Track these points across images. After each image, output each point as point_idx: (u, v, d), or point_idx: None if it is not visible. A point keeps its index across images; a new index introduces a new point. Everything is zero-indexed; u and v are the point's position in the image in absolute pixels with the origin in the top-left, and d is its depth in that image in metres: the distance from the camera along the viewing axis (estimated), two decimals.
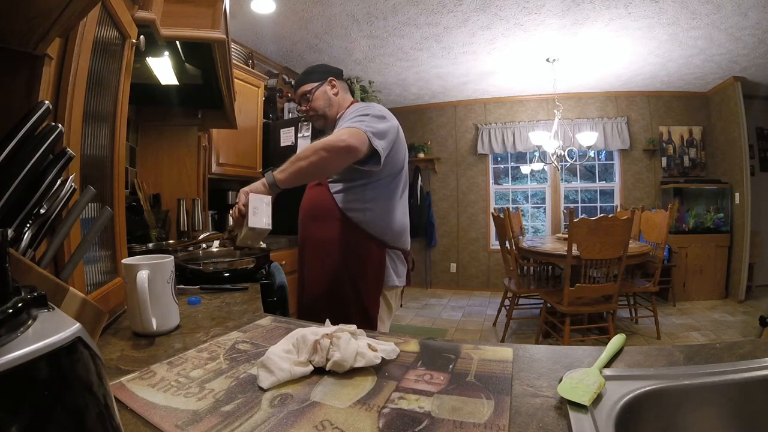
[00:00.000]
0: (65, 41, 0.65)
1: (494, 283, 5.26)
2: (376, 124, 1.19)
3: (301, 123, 3.01)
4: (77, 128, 0.69)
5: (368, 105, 1.28)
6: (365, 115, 1.20)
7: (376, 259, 1.27)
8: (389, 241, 1.30)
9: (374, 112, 1.23)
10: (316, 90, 1.37)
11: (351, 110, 1.28)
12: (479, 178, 5.44)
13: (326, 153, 1.09)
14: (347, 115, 1.27)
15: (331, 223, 1.29)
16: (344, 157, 1.12)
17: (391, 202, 1.30)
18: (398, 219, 1.33)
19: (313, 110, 1.38)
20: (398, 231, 1.33)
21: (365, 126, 1.15)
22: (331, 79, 1.39)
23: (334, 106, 1.38)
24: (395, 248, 1.32)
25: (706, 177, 4.80)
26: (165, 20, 1.14)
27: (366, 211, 1.27)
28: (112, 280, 0.86)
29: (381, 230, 1.28)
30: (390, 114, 1.29)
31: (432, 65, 4.10)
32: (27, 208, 0.47)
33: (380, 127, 1.19)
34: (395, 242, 1.32)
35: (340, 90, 1.40)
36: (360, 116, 1.20)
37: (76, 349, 0.26)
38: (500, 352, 0.64)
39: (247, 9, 2.93)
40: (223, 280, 1.26)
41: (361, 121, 1.16)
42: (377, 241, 1.28)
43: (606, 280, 2.73)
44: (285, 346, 0.60)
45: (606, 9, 2.91)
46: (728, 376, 0.52)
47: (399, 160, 1.32)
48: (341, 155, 1.11)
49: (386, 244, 1.29)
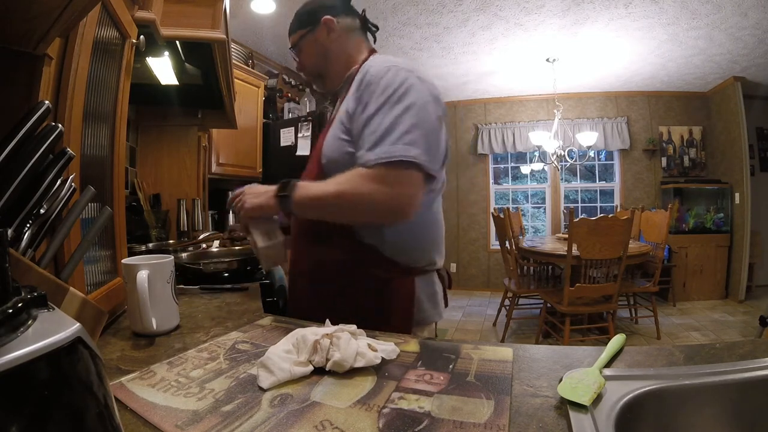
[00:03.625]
0: (65, 41, 0.65)
1: (494, 283, 5.26)
2: (427, 126, 0.79)
3: (301, 123, 3.01)
4: (77, 128, 0.69)
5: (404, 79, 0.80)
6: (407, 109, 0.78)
7: (403, 295, 0.87)
8: (422, 263, 0.90)
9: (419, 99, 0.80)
10: (305, 39, 0.96)
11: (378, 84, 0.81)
12: (479, 178, 5.44)
13: (371, 217, 0.81)
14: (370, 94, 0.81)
15: (333, 247, 0.90)
16: (398, 221, 0.82)
17: (422, 216, 0.87)
18: (433, 234, 0.94)
19: (305, 69, 0.99)
20: (434, 249, 0.94)
21: (419, 150, 0.76)
22: (327, 19, 0.93)
23: (334, 59, 0.95)
24: (429, 271, 0.93)
25: (706, 177, 4.80)
26: (165, 20, 1.14)
27: (384, 229, 0.87)
28: (112, 280, 0.86)
29: (409, 251, 0.89)
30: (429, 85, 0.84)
31: (432, 65, 4.10)
32: (27, 208, 0.47)
33: (432, 129, 0.81)
34: (430, 264, 0.92)
35: (342, 32, 0.95)
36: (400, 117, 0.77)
37: (76, 349, 0.26)
38: (500, 352, 0.64)
39: (247, 9, 2.93)
40: (223, 280, 1.26)
41: (412, 144, 0.76)
42: (403, 268, 0.88)
43: (606, 280, 2.73)
44: (285, 346, 0.60)
45: (606, 9, 2.91)
46: (728, 376, 0.52)
47: (440, 152, 0.86)
48: (395, 221, 0.82)
49: (415, 269, 0.89)
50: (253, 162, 3.19)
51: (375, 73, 0.83)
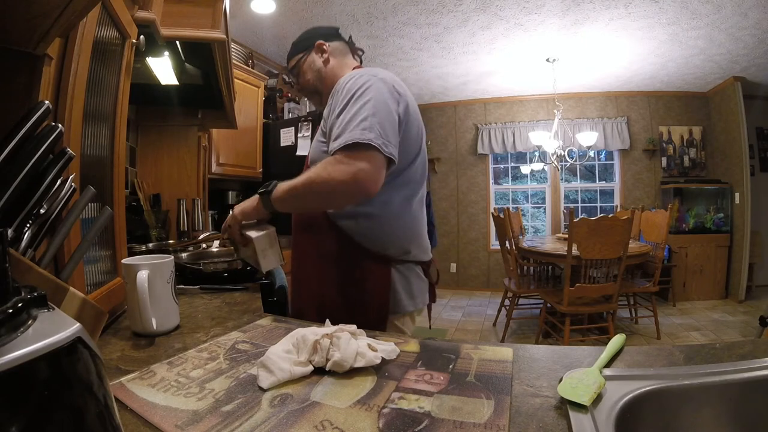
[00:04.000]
0: (65, 41, 0.65)
1: (494, 283, 5.26)
2: (382, 115, 0.88)
3: (300, 123, 3.01)
4: (77, 128, 0.69)
5: (365, 81, 0.91)
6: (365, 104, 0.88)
7: (378, 283, 0.97)
8: (395, 254, 0.99)
9: (377, 95, 0.90)
10: (302, 62, 1.11)
11: (342, 91, 0.93)
12: (479, 178, 5.44)
13: (335, 197, 0.88)
14: (337, 100, 0.93)
15: (320, 235, 1.02)
16: (359, 199, 0.88)
17: (392, 206, 0.98)
18: (406, 225, 1.02)
19: (304, 87, 1.14)
20: (407, 240, 1.02)
21: (373, 134, 0.84)
22: (320, 43, 1.10)
23: (326, 77, 1.10)
24: (407, 262, 1.02)
25: (706, 177, 4.80)
26: (165, 20, 1.14)
27: (358, 218, 0.97)
28: (112, 280, 0.86)
29: (381, 243, 0.98)
30: (390, 83, 0.94)
31: (432, 65, 4.10)
32: (27, 208, 0.47)
33: (388, 118, 0.89)
34: (405, 255, 1.01)
35: (332, 55, 1.10)
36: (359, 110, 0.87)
37: (76, 349, 0.26)
38: (500, 352, 0.64)
39: (247, 9, 2.93)
40: (223, 280, 1.26)
41: (367, 129, 0.85)
42: (378, 257, 0.98)
43: (606, 280, 2.73)
44: (285, 346, 0.60)
45: (606, 9, 2.91)
46: (728, 376, 0.52)
47: (409, 148, 0.97)
48: (356, 198, 0.88)
49: (391, 259, 0.99)
50: (253, 162, 3.19)
51: (342, 81, 0.97)
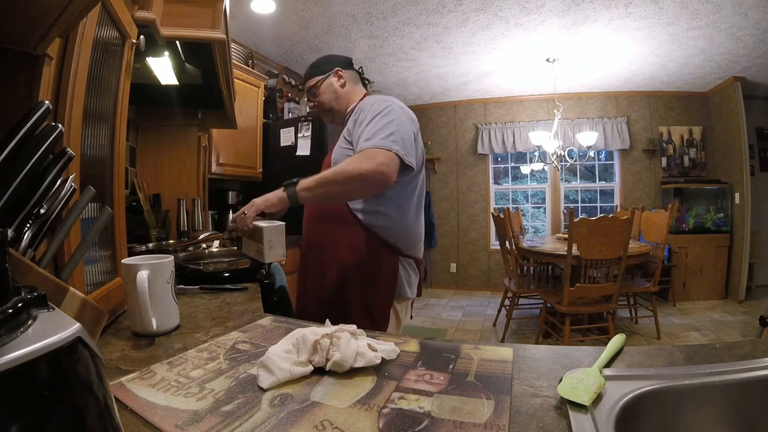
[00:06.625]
0: (65, 41, 0.65)
1: (494, 283, 5.26)
2: (403, 133, 1.09)
3: (300, 123, 3.01)
4: (77, 128, 0.69)
5: (387, 105, 1.14)
6: (390, 122, 1.09)
7: (389, 268, 1.18)
8: (403, 248, 1.21)
9: (398, 117, 1.12)
10: (321, 83, 1.29)
11: (369, 109, 1.14)
12: (479, 178, 5.44)
13: (361, 183, 1.02)
14: (364, 116, 1.14)
15: (340, 226, 1.20)
16: (379, 188, 1.06)
17: (408, 206, 1.21)
18: (414, 225, 1.24)
19: (320, 105, 1.31)
20: (414, 238, 1.25)
21: (398, 146, 1.05)
22: (338, 69, 1.30)
23: (341, 99, 1.30)
24: (409, 257, 1.23)
25: (706, 177, 4.80)
26: (165, 20, 1.14)
27: (379, 215, 1.18)
28: (112, 280, 0.86)
29: (396, 236, 1.19)
30: (407, 110, 1.19)
31: (432, 65, 4.10)
32: (27, 208, 0.47)
33: (407, 136, 1.11)
34: (409, 250, 1.23)
35: (347, 81, 1.31)
36: (385, 126, 1.08)
37: (76, 349, 0.26)
38: (500, 352, 0.64)
39: (247, 9, 2.93)
40: (223, 280, 1.26)
41: (394, 141, 1.06)
42: (391, 248, 1.19)
43: (606, 280, 2.73)
44: (285, 346, 0.60)
45: (606, 9, 2.91)
46: (728, 376, 0.52)
47: (418, 162, 1.21)
48: (377, 187, 1.05)
49: (400, 251, 1.20)
50: (253, 162, 3.19)
51: (367, 102, 1.20)
